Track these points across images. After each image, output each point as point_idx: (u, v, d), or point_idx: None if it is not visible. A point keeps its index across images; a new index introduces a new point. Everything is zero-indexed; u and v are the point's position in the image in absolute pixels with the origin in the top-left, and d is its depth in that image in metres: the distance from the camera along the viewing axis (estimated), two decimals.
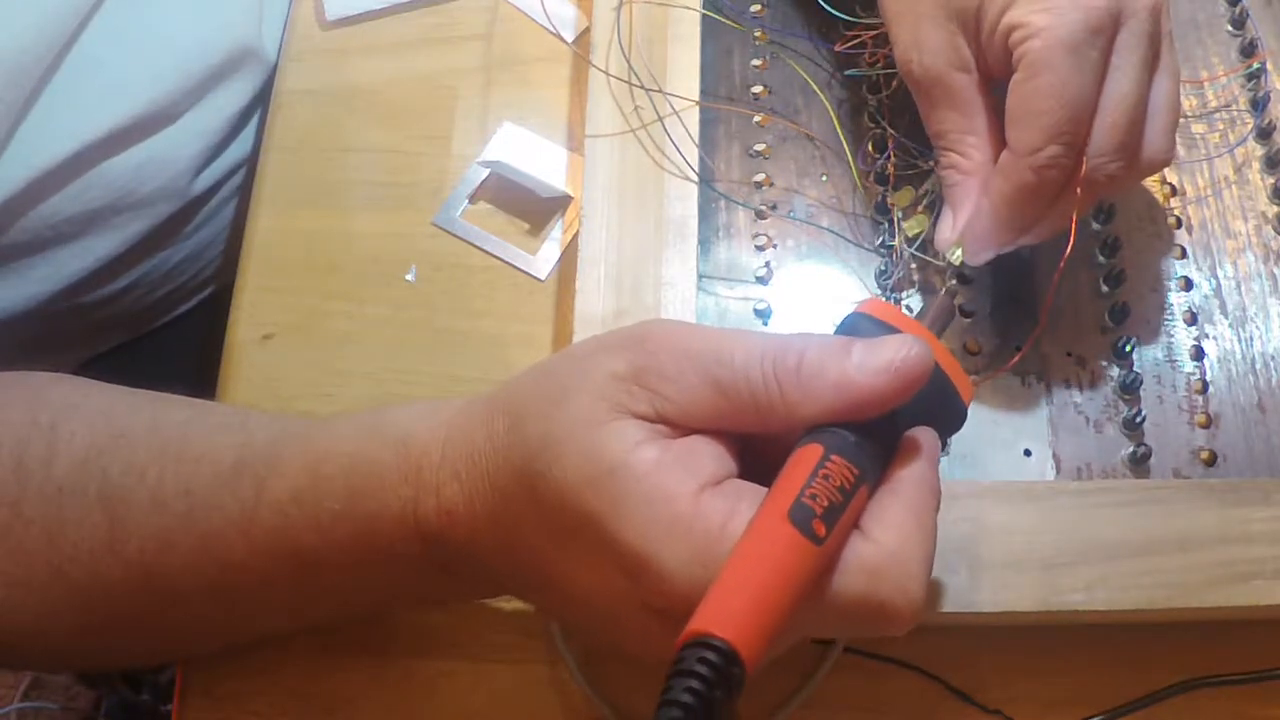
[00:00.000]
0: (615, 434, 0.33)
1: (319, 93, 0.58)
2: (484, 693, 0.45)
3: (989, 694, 0.45)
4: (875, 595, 0.32)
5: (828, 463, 0.32)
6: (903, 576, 0.32)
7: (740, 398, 0.33)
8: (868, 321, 0.36)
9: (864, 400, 0.33)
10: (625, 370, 0.34)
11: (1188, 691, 0.44)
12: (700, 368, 0.33)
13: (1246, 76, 0.54)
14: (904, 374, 0.33)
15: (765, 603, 0.29)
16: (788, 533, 0.30)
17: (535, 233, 0.54)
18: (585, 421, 0.33)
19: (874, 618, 0.32)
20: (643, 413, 0.33)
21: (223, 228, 0.68)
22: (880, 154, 0.51)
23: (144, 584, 0.40)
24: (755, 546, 0.30)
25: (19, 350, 0.59)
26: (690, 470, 0.32)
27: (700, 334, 0.34)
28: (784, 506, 0.31)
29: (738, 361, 0.33)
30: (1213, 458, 0.46)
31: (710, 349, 0.33)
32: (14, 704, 1.12)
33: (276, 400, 0.50)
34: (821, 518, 0.31)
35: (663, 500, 0.32)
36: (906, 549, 0.32)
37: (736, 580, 0.30)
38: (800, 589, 0.30)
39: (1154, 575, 0.41)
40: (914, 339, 0.33)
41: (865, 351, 0.33)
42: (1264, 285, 0.49)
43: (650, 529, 0.31)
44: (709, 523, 0.31)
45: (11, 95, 0.49)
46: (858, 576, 0.32)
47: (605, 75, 0.50)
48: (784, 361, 0.33)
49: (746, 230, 0.50)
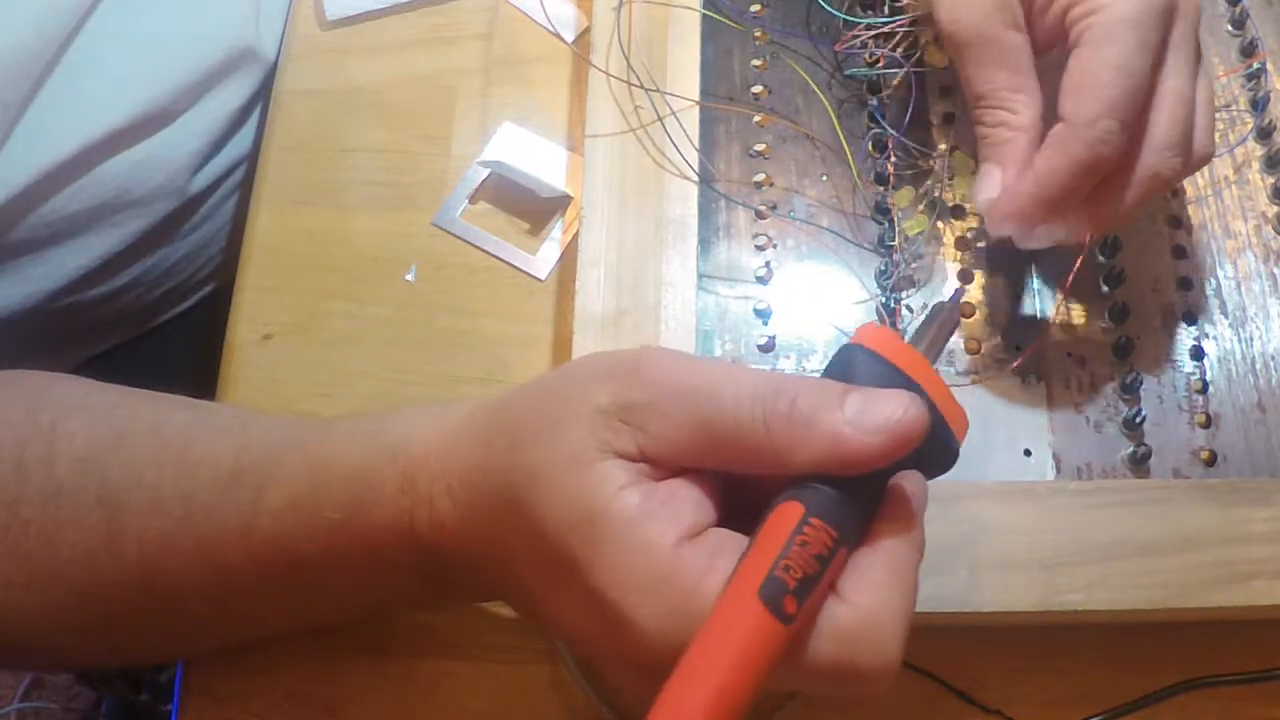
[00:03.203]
0: (599, 476, 0.32)
1: (319, 93, 0.58)
2: (484, 693, 0.45)
3: (989, 694, 0.45)
4: (850, 660, 0.31)
5: (807, 526, 0.31)
6: (879, 639, 0.31)
7: (727, 439, 0.32)
8: (865, 356, 0.34)
9: (855, 459, 0.31)
10: (612, 404, 0.33)
11: (1188, 691, 0.44)
12: (689, 405, 0.32)
13: (1246, 76, 0.54)
14: (899, 437, 0.31)
15: (727, 692, 0.28)
16: (757, 613, 0.29)
17: (535, 233, 0.54)
18: (572, 459, 0.33)
19: (848, 682, 0.31)
20: (627, 451, 0.32)
21: (221, 226, 0.68)
22: (880, 154, 0.51)
23: (142, 585, 0.40)
24: (722, 627, 0.29)
25: (19, 349, 0.59)
26: (671, 519, 0.32)
27: (694, 368, 0.33)
28: (755, 581, 0.30)
29: (727, 401, 0.32)
30: (1212, 458, 0.46)
31: (701, 385, 0.32)
32: (14, 704, 1.12)
33: (276, 400, 0.50)
34: (794, 592, 0.30)
35: (642, 552, 0.31)
36: (884, 612, 0.31)
37: (699, 667, 0.29)
38: (766, 669, 0.29)
39: (1154, 575, 0.41)
40: (912, 398, 0.32)
41: (860, 407, 0.31)
42: (1264, 285, 0.49)
43: (628, 582, 0.31)
44: (685, 578, 0.31)
45: (10, 95, 0.49)
46: (831, 643, 0.31)
47: (605, 75, 0.50)
48: (775, 407, 0.32)
49: (746, 230, 0.50)
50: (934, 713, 0.45)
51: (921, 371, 0.34)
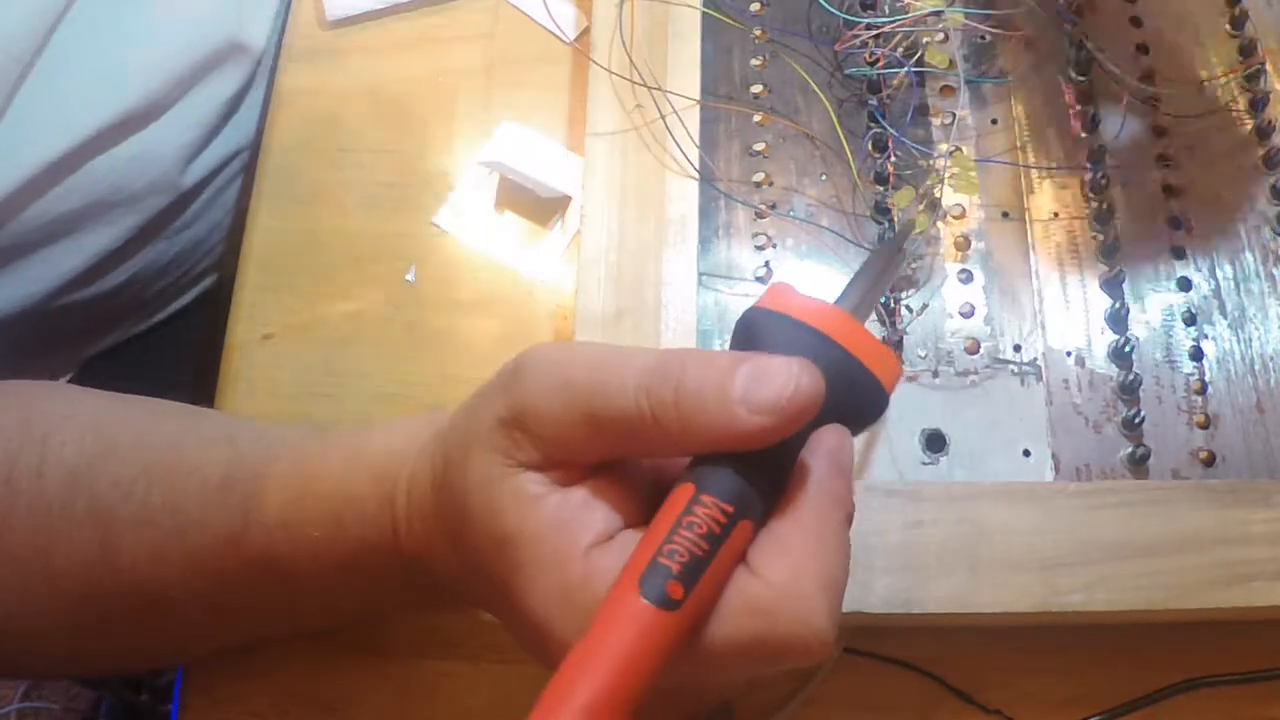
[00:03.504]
0: (509, 494, 0.31)
1: (319, 93, 0.58)
2: (484, 693, 0.45)
3: (989, 694, 0.45)
4: (771, 634, 0.29)
5: (696, 506, 0.29)
6: (801, 609, 0.29)
7: (618, 433, 0.31)
8: (769, 319, 0.32)
9: (748, 438, 0.29)
10: (506, 414, 0.32)
11: (1188, 691, 0.44)
12: (574, 402, 0.31)
13: (1246, 77, 0.54)
14: (790, 412, 0.29)
15: (610, 697, 0.27)
16: (636, 605, 0.28)
17: (535, 233, 0.54)
18: (483, 480, 0.32)
19: (770, 656, 0.30)
20: (530, 461, 0.31)
21: (217, 221, 0.68)
22: (880, 154, 0.51)
23: (136, 595, 0.40)
24: (604, 622, 0.28)
25: (17, 349, 0.59)
26: (582, 526, 0.31)
27: (577, 361, 0.31)
28: (638, 571, 0.29)
29: (612, 393, 0.30)
30: (1211, 458, 0.46)
31: (583, 380, 0.31)
32: (14, 704, 1.12)
33: (276, 400, 0.50)
34: (679, 577, 0.28)
35: (554, 567, 0.30)
36: (802, 579, 0.29)
37: (578, 675, 0.28)
38: (657, 662, 0.28)
39: (1153, 576, 0.41)
40: (803, 365, 0.30)
41: (748, 383, 0.29)
42: (1263, 286, 0.49)
43: (545, 597, 0.30)
44: (597, 588, 0.30)
45: None
46: (741, 618, 0.29)
47: (607, 73, 0.50)
48: (661, 394, 0.30)
49: (746, 229, 0.50)
50: (934, 713, 0.45)
51: (834, 323, 0.32)
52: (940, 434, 0.46)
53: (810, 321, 0.32)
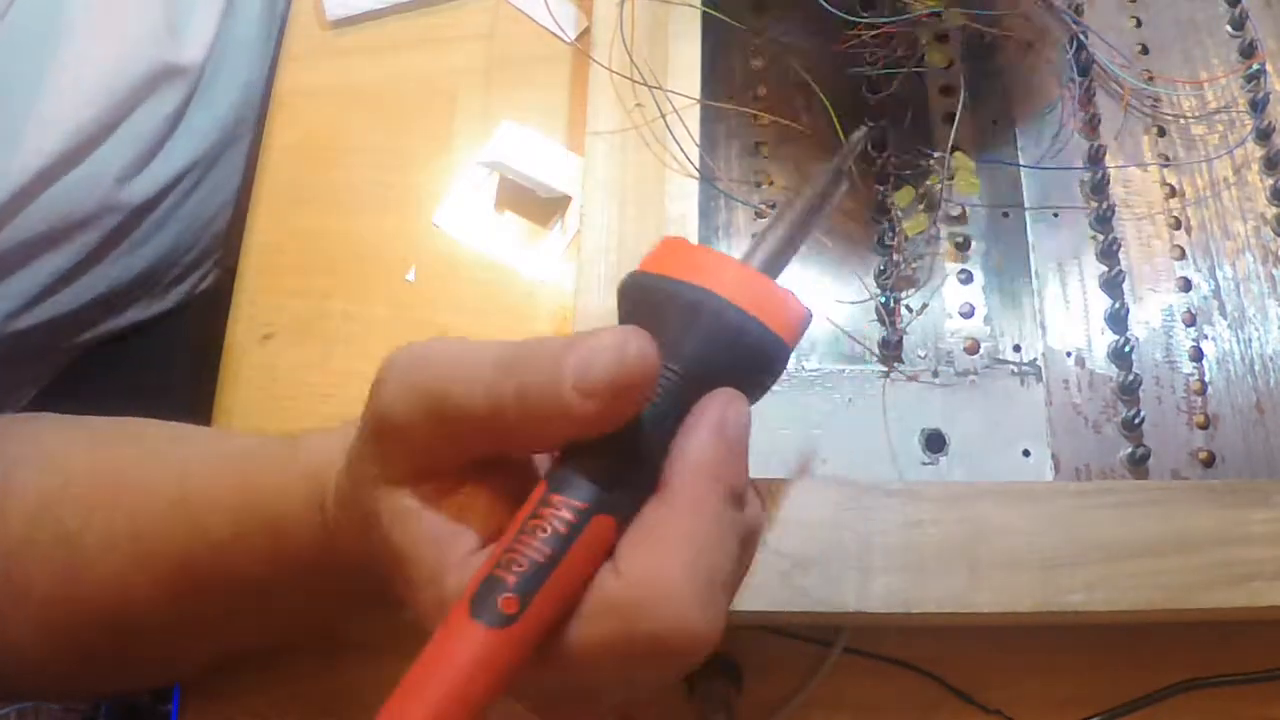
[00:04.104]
0: (385, 512, 0.30)
1: (319, 93, 0.58)
2: None
3: (989, 694, 0.45)
4: (633, 632, 0.27)
5: (543, 508, 0.27)
6: (670, 603, 0.26)
7: (469, 433, 0.28)
8: (646, 282, 0.29)
9: (589, 425, 0.27)
10: (370, 425, 0.30)
11: (1188, 691, 0.44)
12: (425, 406, 0.28)
13: (1246, 78, 0.54)
14: (620, 387, 0.27)
15: (442, 708, 0.26)
16: (465, 627, 0.26)
17: (535, 233, 0.54)
18: (360, 496, 0.31)
19: (643, 659, 0.27)
20: (399, 474, 0.30)
21: (187, 227, 0.67)
22: (880, 154, 0.51)
23: (110, 621, 0.40)
24: (432, 653, 0.27)
25: None
26: (454, 538, 0.29)
27: (428, 362, 0.29)
28: (470, 591, 0.27)
29: (459, 393, 0.28)
30: (1211, 459, 0.46)
31: (433, 383, 0.28)
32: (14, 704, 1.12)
33: (276, 400, 0.50)
34: (515, 589, 0.26)
35: (430, 582, 0.29)
36: (666, 571, 0.27)
37: (406, 702, 0.26)
38: (492, 682, 0.26)
39: (1153, 576, 0.41)
40: (630, 335, 0.27)
41: (579, 364, 0.27)
42: (1263, 286, 0.49)
43: (430, 614, 0.28)
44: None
45: None
46: (601, 621, 0.27)
47: (608, 72, 0.50)
48: (504, 394, 0.27)
49: (746, 229, 0.50)
50: (934, 713, 0.45)
51: (724, 276, 0.29)
52: (940, 434, 0.46)
53: (686, 278, 0.29)
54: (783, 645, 0.45)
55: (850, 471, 0.45)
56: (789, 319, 0.29)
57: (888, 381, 0.47)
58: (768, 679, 0.44)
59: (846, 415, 0.46)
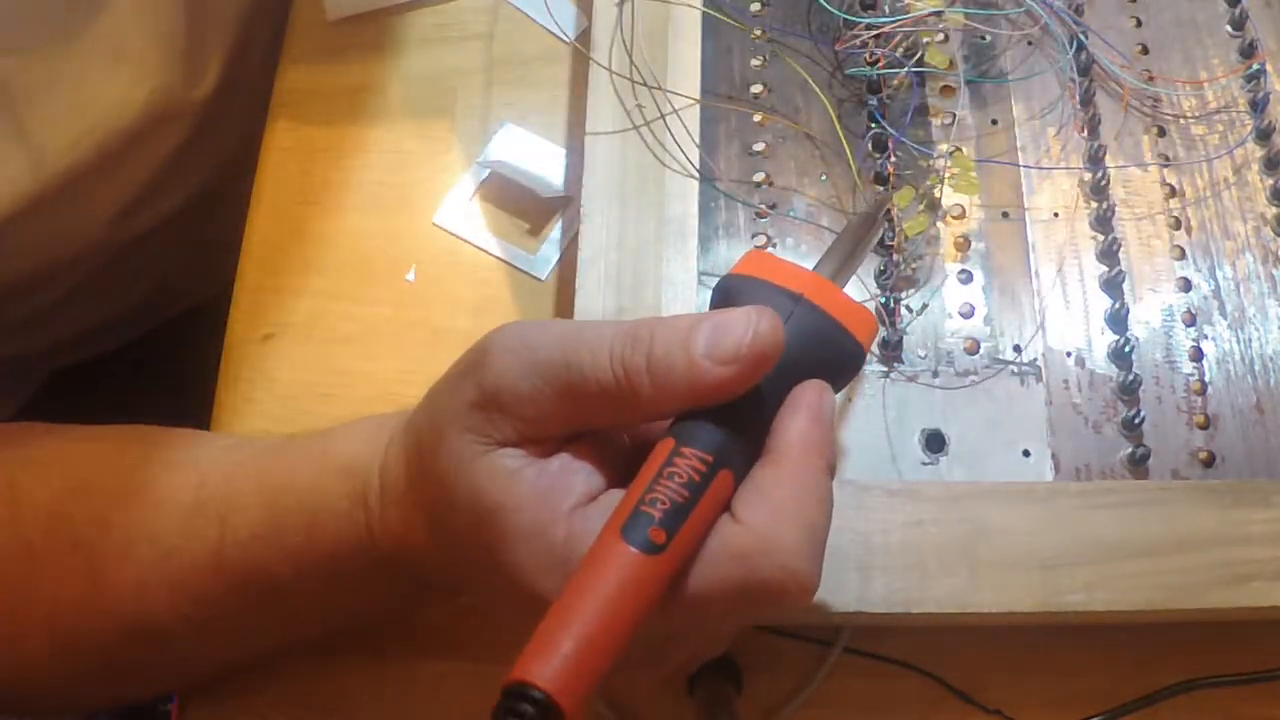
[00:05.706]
0: (486, 472, 0.32)
1: (319, 93, 0.58)
2: (484, 693, 0.45)
3: (989, 694, 0.45)
4: (754, 578, 0.30)
5: (676, 458, 0.31)
6: (778, 553, 0.30)
7: (594, 404, 0.32)
8: (745, 284, 0.34)
9: (716, 391, 0.31)
10: (478, 397, 0.33)
11: (1188, 691, 0.44)
12: (549, 377, 0.32)
13: (1246, 78, 0.54)
14: (751, 358, 0.31)
15: (594, 640, 0.28)
16: (620, 551, 0.29)
17: (535, 233, 0.54)
18: (460, 459, 0.33)
19: (752, 599, 0.31)
20: (507, 439, 0.32)
21: (181, 262, 0.66)
22: (880, 154, 0.51)
23: (126, 627, 0.40)
24: (587, 574, 0.29)
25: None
26: (562, 491, 0.32)
27: (546, 337, 0.33)
28: (619, 523, 0.30)
29: (586, 364, 0.31)
30: (1211, 459, 0.46)
31: (557, 356, 0.32)
32: None
33: (276, 400, 0.50)
34: (661, 523, 0.29)
35: (538, 533, 0.31)
36: (782, 524, 0.31)
37: (563, 618, 0.28)
38: (641, 606, 0.29)
39: (1153, 576, 0.41)
40: (762, 312, 0.31)
41: (711, 336, 0.31)
42: (1263, 287, 0.49)
43: (532, 563, 0.31)
44: (581, 547, 0.31)
45: None
46: (727, 564, 0.30)
47: (608, 71, 0.50)
48: (632, 359, 0.31)
49: (746, 229, 0.50)
50: (934, 713, 0.45)
51: (809, 284, 0.33)
52: (940, 434, 0.46)
53: (784, 284, 0.34)
54: (783, 645, 0.45)
55: (850, 471, 0.45)
56: (867, 331, 0.34)
57: (888, 381, 0.47)
58: (768, 679, 0.45)
59: (846, 415, 0.46)
